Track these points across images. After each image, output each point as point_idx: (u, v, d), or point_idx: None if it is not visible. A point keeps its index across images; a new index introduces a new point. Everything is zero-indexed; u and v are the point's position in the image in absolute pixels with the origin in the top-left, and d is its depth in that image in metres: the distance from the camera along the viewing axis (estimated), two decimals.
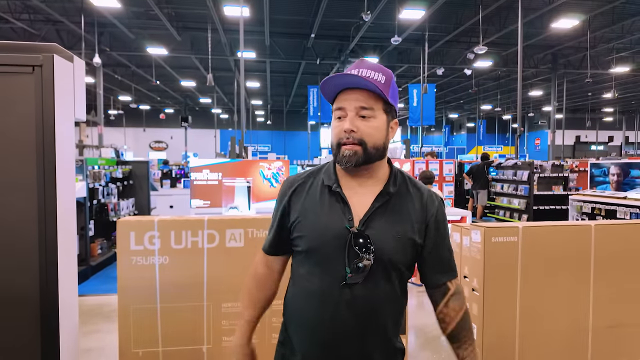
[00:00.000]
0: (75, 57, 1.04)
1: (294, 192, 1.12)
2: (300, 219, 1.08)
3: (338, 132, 1.06)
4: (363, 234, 1.02)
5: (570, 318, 2.91)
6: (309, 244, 1.06)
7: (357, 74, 1.03)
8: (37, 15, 12.69)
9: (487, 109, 28.13)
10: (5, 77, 0.93)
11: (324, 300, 1.03)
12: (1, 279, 0.97)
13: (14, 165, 0.96)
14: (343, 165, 1.06)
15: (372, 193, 1.07)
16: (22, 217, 0.96)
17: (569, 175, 8.40)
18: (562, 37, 14.05)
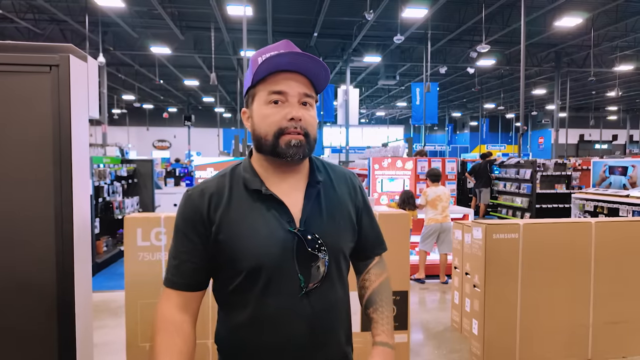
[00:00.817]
0: (89, 57, 1.08)
1: (210, 204, 0.92)
2: (232, 236, 0.90)
3: (279, 119, 0.90)
4: (310, 233, 0.91)
5: (571, 313, 2.94)
6: (250, 264, 0.89)
7: (304, 53, 0.90)
8: (42, 15, 12.77)
9: (490, 108, 28.07)
10: (24, 76, 0.98)
11: (285, 320, 0.90)
12: (21, 271, 1.01)
13: (32, 162, 1.00)
14: (290, 158, 0.90)
15: (298, 188, 0.96)
16: (40, 212, 1.01)
17: (571, 174, 8.40)
18: (565, 35, 14.01)
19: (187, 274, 0.93)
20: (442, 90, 22.85)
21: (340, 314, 0.99)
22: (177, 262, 0.93)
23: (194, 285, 0.94)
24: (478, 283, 2.93)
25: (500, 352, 2.87)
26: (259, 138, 0.93)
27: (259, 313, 0.91)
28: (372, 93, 25.02)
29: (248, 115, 0.98)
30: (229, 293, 0.93)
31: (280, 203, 0.92)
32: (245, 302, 0.91)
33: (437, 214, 4.76)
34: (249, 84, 0.95)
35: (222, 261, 0.92)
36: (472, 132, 32.74)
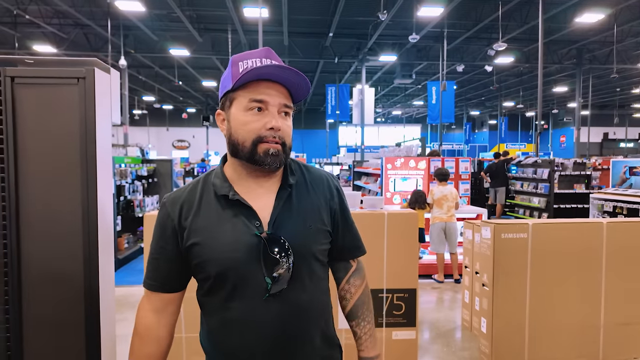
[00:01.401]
0: (112, 69, 1.19)
1: (181, 211, 0.95)
2: (200, 242, 0.92)
3: (258, 127, 0.92)
4: (276, 236, 0.92)
5: (581, 314, 2.94)
6: (217, 269, 0.91)
7: (288, 66, 0.92)
8: (67, 19, 13.23)
9: (510, 106, 27.56)
10: (55, 88, 1.09)
11: (250, 323, 0.92)
12: (54, 264, 1.13)
13: (62, 164, 1.12)
14: (267, 166, 0.92)
15: (272, 191, 0.97)
16: (69, 209, 1.12)
17: (591, 174, 8.24)
18: (586, 31, 13.66)
19: (161, 277, 0.97)
20: (460, 89, 22.57)
21: (313, 316, 0.97)
22: (152, 266, 0.98)
23: (167, 288, 0.98)
24: (487, 282, 2.95)
25: (509, 350, 2.89)
26: (235, 143, 0.93)
27: (227, 316, 0.93)
28: (389, 92, 24.91)
29: (223, 118, 0.98)
30: (202, 295, 0.97)
31: (248, 208, 0.93)
32: (215, 305, 0.94)
33: (442, 213, 4.79)
34: (229, 87, 0.95)
35: (194, 266, 0.94)
36: (491, 131, 32.21)
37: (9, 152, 1.10)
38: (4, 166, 1.10)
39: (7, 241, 1.11)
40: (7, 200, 1.10)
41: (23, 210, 1.12)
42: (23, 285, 1.13)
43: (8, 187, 1.10)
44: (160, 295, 0.98)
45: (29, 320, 1.14)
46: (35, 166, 1.12)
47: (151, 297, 0.99)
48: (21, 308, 1.13)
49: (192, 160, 18.90)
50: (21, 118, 1.11)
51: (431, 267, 5.07)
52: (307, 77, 0.95)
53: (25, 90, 1.10)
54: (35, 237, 1.14)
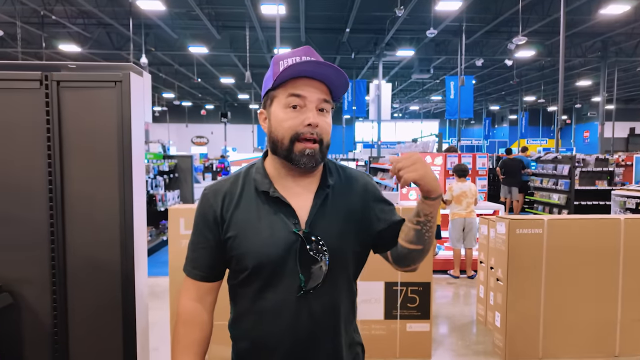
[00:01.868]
0: (144, 72, 1.30)
1: (223, 203, 0.97)
2: (238, 235, 0.95)
3: (295, 124, 0.92)
4: (313, 235, 0.94)
5: (597, 310, 2.94)
6: (254, 262, 0.94)
7: (327, 63, 0.92)
8: (91, 19, 13.61)
9: (531, 101, 26.94)
10: (95, 90, 1.20)
11: (281, 314, 0.94)
12: (94, 252, 1.25)
13: (102, 159, 1.23)
14: (302, 165, 0.93)
15: (310, 190, 0.98)
16: (108, 202, 1.23)
17: (614, 170, 8.05)
18: (612, 23, 13.24)
19: (204, 266, 0.99)
20: (479, 83, 22.19)
21: (342, 316, 0.99)
22: (195, 255, 0.99)
23: (207, 277, 1.00)
24: (501, 277, 2.98)
25: (523, 344, 2.92)
26: (275, 141, 0.95)
27: (259, 305, 0.95)
28: (406, 87, 24.70)
29: (265, 117, 1.00)
30: (236, 285, 0.99)
31: (286, 205, 0.95)
32: (248, 294, 0.96)
33: (461, 209, 4.79)
34: (269, 86, 0.97)
35: (230, 257, 0.97)
36: (511, 126, 31.57)
37: (55, 149, 1.21)
38: (51, 161, 1.21)
39: (54, 229, 1.22)
40: (54, 193, 1.21)
41: (67, 202, 1.24)
42: (67, 270, 1.25)
43: (55, 181, 1.21)
44: (202, 284, 1.00)
45: (72, 301, 1.26)
46: (78, 162, 1.23)
47: (193, 285, 1.00)
48: (66, 290, 1.25)
49: (211, 156, 19.21)
50: (65, 118, 1.22)
51: (448, 262, 5.10)
52: (345, 73, 0.94)
53: (69, 92, 1.21)
54: (78, 226, 1.25)
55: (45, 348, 1.25)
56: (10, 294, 1.21)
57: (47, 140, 1.21)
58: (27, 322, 1.25)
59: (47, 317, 1.24)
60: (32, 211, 1.24)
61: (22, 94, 1.21)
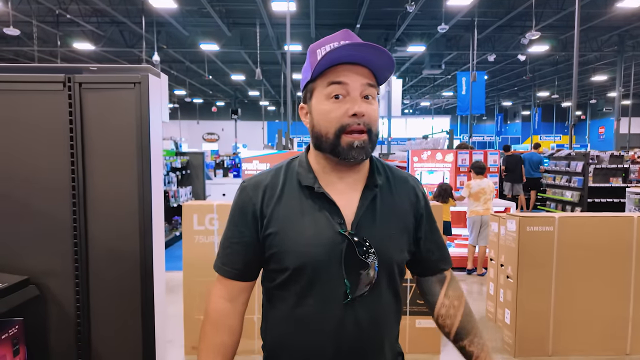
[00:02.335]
0: (162, 73, 1.34)
1: (264, 197, 0.90)
2: (279, 231, 0.87)
3: (340, 116, 0.84)
4: (361, 238, 0.86)
5: (609, 307, 2.92)
6: (296, 262, 0.85)
7: (365, 43, 0.83)
8: (104, 17, 13.81)
9: (544, 96, 26.52)
10: (115, 92, 1.25)
11: (323, 323, 0.86)
12: (115, 243, 1.31)
13: (122, 157, 1.28)
14: (352, 159, 0.85)
15: (355, 189, 0.91)
16: (128, 196, 1.29)
17: (629, 167, 7.92)
18: (629, 16, 12.96)
19: (239, 264, 0.92)
20: (491, 79, 21.93)
21: (388, 326, 0.92)
22: (228, 251, 0.92)
23: (242, 275, 0.92)
24: (511, 274, 2.98)
25: (533, 341, 2.92)
26: (318, 136, 0.88)
27: (299, 312, 0.87)
28: (417, 83, 24.52)
29: (306, 111, 0.92)
30: (273, 287, 0.91)
31: (332, 203, 0.87)
32: (287, 299, 0.88)
33: (479, 206, 4.78)
34: (308, 78, 0.90)
35: (269, 255, 0.89)
36: (523, 122, 31.15)
37: (77, 147, 1.26)
38: (74, 160, 1.27)
39: (77, 224, 1.28)
40: (76, 189, 1.27)
41: (89, 197, 1.29)
42: (90, 261, 1.31)
43: (77, 178, 1.27)
44: (235, 283, 0.93)
45: (94, 292, 1.32)
46: (99, 159, 1.29)
47: (226, 284, 0.93)
48: (88, 281, 1.31)
49: (222, 152, 19.40)
50: (87, 118, 1.28)
51: (458, 260, 5.09)
52: (389, 53, 0.85)
53: (90, 93, 1.27)
54: (99, 220, 1.31)
55: (69, 337, 1.32)
56: (36, 286, 1.28)
57: (70, 139, 1.26)
58: (52, 313, 1.31)
59: (70, 307, 1.30)
60: (56, 206, 1.30)
61: (46, 95, 1.26)
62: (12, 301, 1.17)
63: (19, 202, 1.28)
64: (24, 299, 1.21)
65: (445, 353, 3.03)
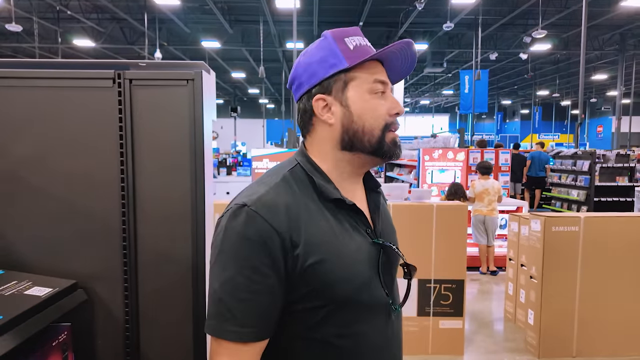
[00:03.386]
0: (211, 70, 1.30)
1: (289, 220, 0.71)
2: (325, 259, 0.71)
3: (384, 113, 0.79)
4: (392, 246, 0.80)
5: (634, 308, 2.90)
6: (346, 290, 0.73)
7: (410, 47, 0.82)
8: (104, 14, 13.68)
9: (544, 95, 26.58)
10: (167, 89, 1.21)
11: (377, 345, 0.78)
12: (165, 246, 1.26)
13: (174, 157, 1.23)
14: (395, 157, 0.81)
15: (362, 193, 0.86)
16: (180, 198, 1.24)
17: (635, 166, 7.92)
18: (632, 15, 12.97)
19: (263, 319, 0.70)
20: (491, 77, 21.92)
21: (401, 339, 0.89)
22: (244, 306, 0.68)
23: (266, 332, 0.71)
24: (535, 274, 2.96)
25: (557, 342, 2.90)
26: (358, 132, 0.78)
27: (348, 345, 0.75)
28: (417, 81, 24.51)
29: (326, 104, 0.79)
30: (305, 329, 0.73)
31: (359, 213, 0.78)
32: (330, 336, 0.73)
33: (483, 207, 4.76)
34: (340, 66, 0.78)
35: (309, 291, 0.72)
36: (523, 121, 31.22)
37: (127, 146, 1.22)
38: (123, 159, 1.22)
39: (126, 226, 1.24)
40: (126, 190, 1.22)
41: (139, 198, 1.25)
42: (139, 264, 1.26)
43: (127, 178, 1.22)
44: (255, 347, 0.71)
45: (143, 296, 1.27)
46: (150, 158, 1.24)
47: (243, 351, 0.69)
48: (137, 285, 1.27)
49: (222, 150, 19.30)
50: (137, 115, 1.23)
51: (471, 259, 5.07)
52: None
53: (141, 90, 1.22)
54: (150, 221, 1.26)
55: (117, 343, 1.27)
56: (84, 291, 1.23)
57: (120, 138, 1.22)
58: (100, 317, 1.27)
59: (119, 312, 1.26)
60: (105, 208, 1.25)
61: (96, 92, 1.22)
62: (63, 307, 1.12)
63: (66, 203, 1.23)
64: (73, 304, 1.16)
65: (468, 354, 3.01)
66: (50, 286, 1.12)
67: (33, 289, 1.09)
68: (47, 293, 1.09)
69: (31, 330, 1.01)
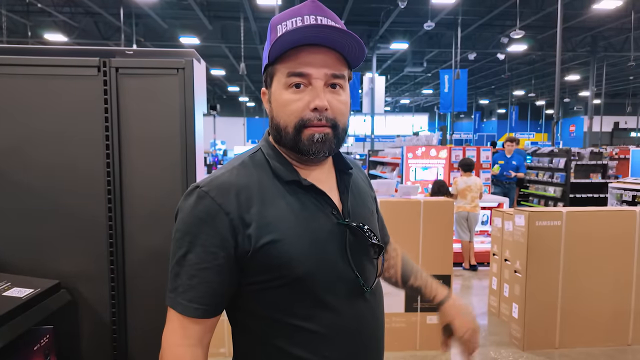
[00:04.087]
0: (202, 60, 1.24)
1: (239, 202, 0.73)
2: (279, 238, 0.72)
3: (300, 109, 0.74)
4: (360, 225, 0.79)
5: (612, 300, 3.00)
6: (306, 268, 0.73)
7: (329, 24, 0.74)
8: (78, 8, 13.22)
9: (520, 95, 27.29)
10: (156, 78, 1.15)
11: (348, 327, 0.77)
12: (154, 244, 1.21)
13: (163, 150, 1.17)
14: (313, 155, 0.76)
15: (330, 174, 0.85)
16: (170, 193, 1.19)
17: (608, 163, 8.22)
18: (603, 18, 13.46)
19: (211, 296, 0.73)
20: (469, 77, 22.32)
21: (383, 309, 0.89)
22: (195, 281, 0.72)
23: (215, 310, 0.74)
24: (519, 269, 3.01)
25: (540, 334, 2.96)
26: (278, 129, 0.78)
27: (316, 326, 0.74)
28: (398, 80, 24.74)
29: (268, 97, 0.81)
30: (272, 309, 0.75)
31: (322, 194, 0.78)
32: (295, 316, 0.74)
33: (466, 203, 4.83)
34: (266, 61, 0.78)
35: (266, 270, 0.73)
36: (499, 120, 31.98)
37: (113, 138, 1.16)
38: (109, 152, 1.16)
39: (112, 223, 1.17)
40: (112, 185, 1.16)
41: (126, 194, 1.18)
42: (126, 263, 1.20)
43: (113, 172, 1.16)
44: (205, 322, 0.74)
45: (131, 296, 1.21)
46: (138, 151, 1.18)
47: (191, 325, 0.73)
48: (125, 283, 1.21)
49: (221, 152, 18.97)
50: (124, 105, 1.17)
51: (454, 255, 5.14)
52: (357, 36, 0.74)
53: (128, 79, 1.16)
54: (138, 218, 1.20)
55: (104, 346, 1.21)
56: (67, 291, 1.16)
57: (106, 129, 1.15)
58: (85, 319, 1.20)
59: (105, 314, 1.19)
60: (90, 202, 1.19)
61: (79, 81, 1.15)
62: (45, 308, 1.06)
63: (47, 198, 1.16)
64: (56, 306, 1.10)
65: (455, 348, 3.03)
66: (31, 287, 1.06)
67: (12, 290, 1.02)
68: (28, 294, 1.02)
69: (11, 334, 0.94)
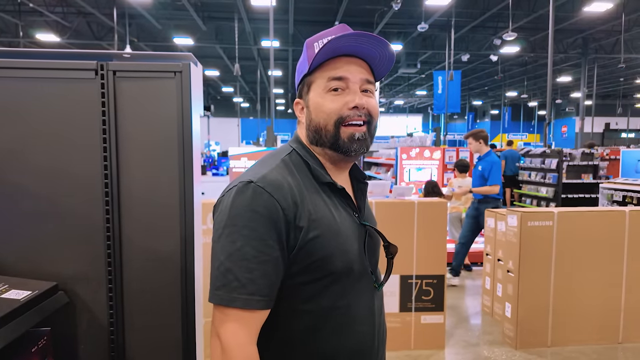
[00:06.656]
0: (198, 63, 1.26)
1: (293, 198, 0.79)
2: (323, 234, 0.79)
3: (339, 107, 0.82)
4: (375, 229, 0.92)
5: (603, 298, 3.04)
6: (343, 263, 0.81)
7: (365, 32, 0.82)
8: (70, 8, 13.11)
9: (513, 96, 27.52)
10: (153, 81, 1.15)
11: (366, 318, 0.87)
12: (153, 245, 1.21)
13: (160, 152, 1.18)
14: (353, 153, 0.84)
15: (348, 180, 0.94)
16: (167, 195, 1.19)
17: (599, 164, 8.32)
18: (594, 20, 13.62)
19: (270, 287, 0.76)
20: (463, 78, 22.45)
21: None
22: (256, 274, 0.74)
23: (271, 302, 0.78)
24: (512, 268, 3.05)
25: (533, 334, 3.00)
26: (317, 129, 0.85)
27: (341, 316, 0.83)
28: (392, 81, 24.83)
29: (302, 106, 0.90)
30: (302, 299, 0.80)
31: (348, 197, 0.88)
32: (321, 307, 0.81)
33: (460, 204, 4.87)
34: (305, 72, 0.87)
35: (309, 263, 0.79)
36: (492, 121, 32.21)
37: (110, 141, 1.16)
38: (107, 155, 1.16)
39: (110, 225, 1.18)
40: (110, 187, 1.17)
41: (124, 195, 1.19)
42: (124, 265, 1.21)
43: (110, 174, 1.17)
44: (262, 314, 0.77)
45: (129, 298, 1.22)
46: (135, 154, 1.19)
47: (252, 321, 0.76)
48: (122, 285, 1.21)
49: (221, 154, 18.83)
50: (121, 109, 1.17)
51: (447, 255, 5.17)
52: (388, 43, 0.84)
53: (125, 83, 1.16)
54: (136, 219, 1.21)
55: (101, 348, 1.21)
56: (65, 293, 1.17)
57: (103, 132, 1.16)
58: (83, 321, 1.21)
59: (103, 316, 1.20)
60: (87, 205, 1.19)
61: (77, 84, 1.15)
62: (43, 310, 1.06)
63: (45, 200, 1.17)
64: (54, 308, 1.10)
65: (449, 348, 3.06)
66: (29, 289, 1.06)
67: (10, 292, 1.03)
68: (26, 296, 1.02)
69: (9, 337, 0.94)
